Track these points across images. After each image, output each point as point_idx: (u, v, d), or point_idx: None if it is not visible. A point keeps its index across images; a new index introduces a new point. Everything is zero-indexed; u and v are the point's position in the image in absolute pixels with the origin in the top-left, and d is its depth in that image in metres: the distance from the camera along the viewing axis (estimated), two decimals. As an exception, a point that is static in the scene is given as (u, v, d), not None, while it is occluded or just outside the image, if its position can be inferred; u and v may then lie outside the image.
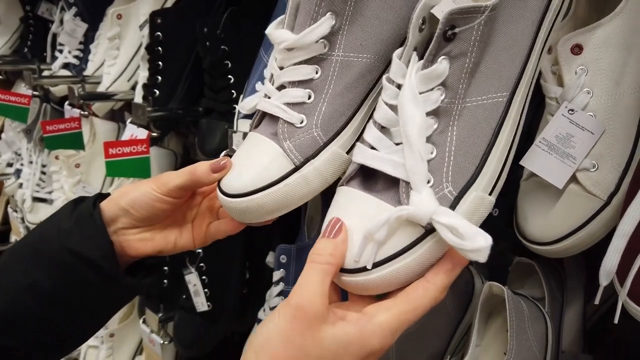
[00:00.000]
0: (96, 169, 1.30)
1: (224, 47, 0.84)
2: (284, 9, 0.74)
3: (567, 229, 0.50)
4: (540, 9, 0.43)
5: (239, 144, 0.68)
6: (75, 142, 1.16)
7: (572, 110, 0.50)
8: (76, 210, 0.49)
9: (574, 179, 0.51)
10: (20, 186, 1.65)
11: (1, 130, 1.90)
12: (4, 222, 1.93)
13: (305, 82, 0.46)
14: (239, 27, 0.84)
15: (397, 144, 0.40)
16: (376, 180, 0.42)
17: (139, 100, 0.99)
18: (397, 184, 0.40)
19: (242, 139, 0.68)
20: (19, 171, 1.71)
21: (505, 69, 0.41)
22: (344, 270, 0.40)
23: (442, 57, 0.39)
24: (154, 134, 0.92)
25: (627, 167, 0.50)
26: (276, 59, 0.48)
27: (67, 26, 1.31)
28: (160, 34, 0.92)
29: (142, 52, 1.01)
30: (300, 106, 0.46)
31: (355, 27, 0.46)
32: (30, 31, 1.63)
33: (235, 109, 0.78)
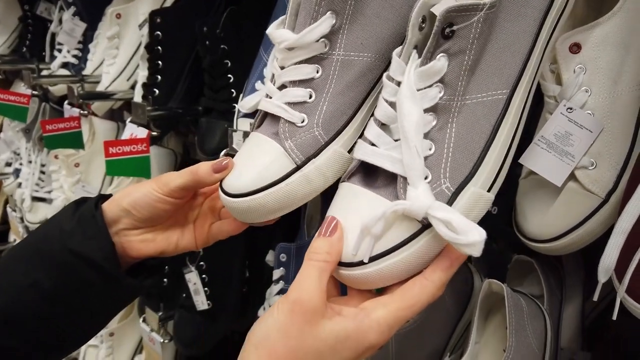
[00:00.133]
0: (95, 168, 1.30)
1: (223, 46, 0.84)
2: (283, 9, 0.74)
3: (565, 227, 0.51)
4: (542, 8, 0.43)
5: (239, 143, 0.69)
6: (74, 141, 1.16)
7: (571, 108, 0.51)
8: (78, 211, 0.49)
9: (572, 176, 0.51)
10: (19, 186, 1.65)
11: (0, 129, 1.90)
12: (3, 221, 1.93)
13: (306, 82, 0.46)
14: (239, 26, 0.84)
15: (397, 140, 0.41)
16: (376, 176, 0.43)
17: (138, 99, 0.99)
18: (396, 180, 0.40)
19: (242, 138, 0.68)
20: (17, 171, 1.70)
21: (505, 67, 0.42)
22: (342, 263, 0.40)
23: (440, 54, 0.40)
24: (154, 133, 0.93)
25: (625, 165, 0.50)
26: (277, 59, 0.48)
27: (66, 25, 1.31)
28: (159, 33, 0.92)
29: (142, 51, 1.01)
30: (301, 105, 0.46)
31: (355, 26, 0.46)
32: (28, 30, 1.63)
33: (234, 108, 0.78)
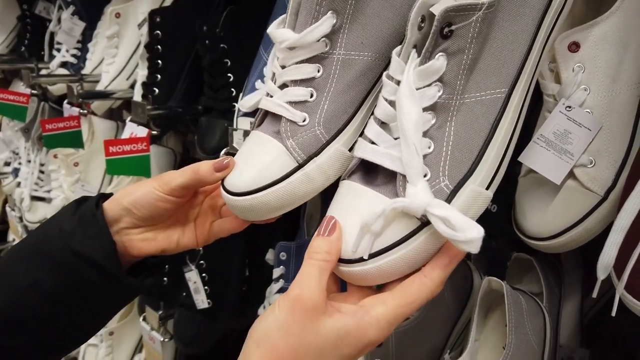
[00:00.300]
0: (95, 167, 1.30)
1: (223, 45, 0.84)
2: (283, 8, 0.74)
3: (564, 225, 0.51)
4: (541, 7, 0.43)
5: (239, 142, 0.69)
6: (74, 140, 1.16)
7: (570, 107, 0.51)
8: (79, 210, 0.49)
9: (571, 175, 0.51)
10: (18, 185, 1.65)
11: (-1, 129, 1.90)
12: (2, 221, 1.93)
13: (307, 81, 0.47)
14: (239, 25, 0.84)
15: (396, 139, 0.41)
16: (376, 174, 0.43)
17: (138, 98, 0.99)
18: (396, 178, 0.40)
19: (243, 137, 0.69)
20: (17, 170, 1.70)
21: (504, 66, 0.42)
22: (342, 260, 0.40)
23: (439, 53, 0.40)
24: (154, 132, 0.93)
25: (624, 163, 0.50)
26: (278, 58, 0.48)
27: (65, 25, 1.31)
28: (159, 32, 0.92)
29: (141, 50, 1.01)
30: (302, 105, 0.46)
31: (356, 25, 0.46)
32: (27, 30, 1.63)
33: (234, 107, 0.78)
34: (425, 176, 0.40)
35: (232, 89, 0.83)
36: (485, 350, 0.62)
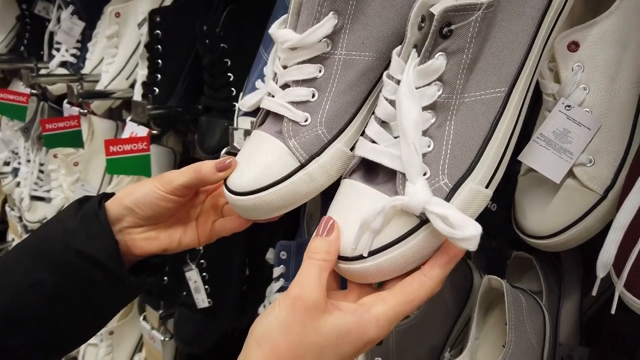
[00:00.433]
0: (95, 167, 1.30)
1: (223, 45, 0.84)
2: (283, 7, 0.75)
3: (564, 223, 0.51)
4: (541, 7, 0.43)
5: (239, 141, 0.69)
6: (74, 140, 1.16)
7: (569, 106, 0.51)
8: (81, 210, 0.49)
9: (571, 173, 0.51)
10: (17, 185, 1.65)
11: (-2, 129, 1.90)
12: (2, 220, 1.93)
13: (309, 81, 0.47)
14: (238, 25, 0.84)
15: (396, 138, 0.42)
16: (377, 173, 0.43)
17: (138, 98, 0.99)
18: (396, 176, 0.41)
19: (243, 136, 0.69)
20: (16, 170, 1.70)
21: (504, 65, 0.42)
22: (342, 257, 0.41)
23: (438, 53, 0.40)
24: (154, 132, 0.93)
25: (623, 161, 0.50)
26: (279, 58, 0.48)
27: (65, 24, 1.31)
28: (159, 32, 0.92)
29: (141, 50, 1.01)
30: (304, 105, 0.47)
31: (357, 25, 0.46)
32: (26, 30, 1.63)
33: (234, 106, 0.79)
34: (424, 175, 0.40)
35: (232, 89, 0.84)
36: (485, 348, 0.62)
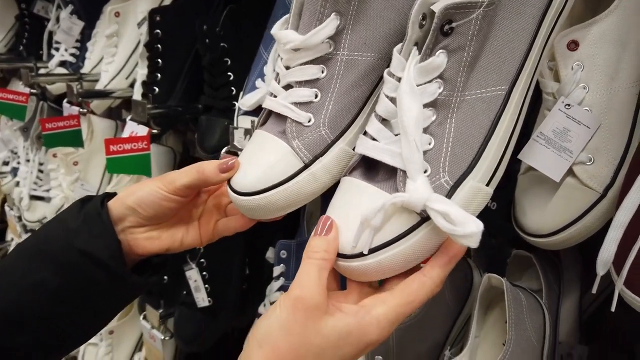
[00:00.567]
0: (94, 166, 1.30)
1: (223, 44, 0.84)
2: (283, 7, 0.75)
3: (564, 222, 0.51)
4: (541, 6, 0.43)
5: (240, 140, 0.69)
6: (74, 139, 1.16)
7: (569, 105, 0.51)
8: (83, 209, 0.49)
9: (570, 172, 0.52)
10: (17, 184, 1.65)
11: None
12: (1, 220, 1.92)
13: (311, 82, 0.47)
14: (238, 24, 0.84)
15: (397, 135, 0.41)
16: (377, 170, 0.43)
17: (138, 97, 0.99)
18: (396, 174, 0.41)
19: (243, 135, 0.69)
20: (15, 169, 1.70)
21: (504, 63, 0.42)
22: (341, 255, 0.41)
23: (439, 50, 0.40)
24: (154, 131, 0.93)
25: (623, 160, 0.51)
26: (282, 59, 0.49)
27: (64, 24, 1.31)
28: (159, 31, 0.92)
29: (140, 49, 1.01)
30: (307, 105, 0.47)
31: (359, 26, 0.46)
32: (25, 29, 1.63)
33: (234, 106, 0.79)
34: (425, 172, 0.40)
35: (232, 88, 0.84)
36: (485, 346, 0.62)
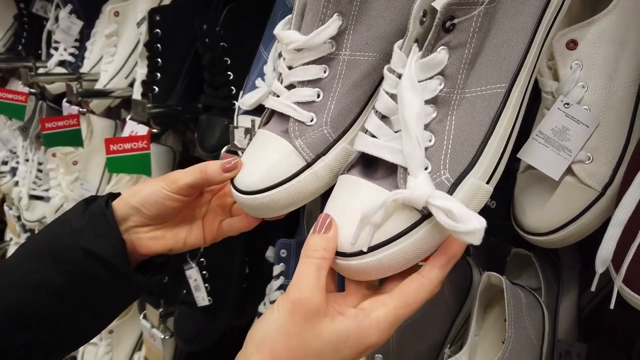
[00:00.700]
0: (94, 166, 1.30)
1: (223, 43, 0.84)
2: (283, 6, 0.75)
3: (563, 220, 0.51)
4: (540, 5, 0.43)
5: (240, 140, 0.69)
6: (74, 139, 1.17)
7: (568, 104, 0.52)
8: (88, 209, 0.49)
9: (569, 171, 0.52)
10: (16, 184, 1.65)
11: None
12: (0, 220, 1.92)
13: (314, 82, 0.47)
14: (238, 24, 0.84)
15: (397, 132, 0.41)
16: (376, 168, 0.43)
17: (137, 97, 0.99)
18: (396, 171, 0.40)
19: (244, 134, 0.69)
20: (14, 169, 1.70)
21: (504, 61, 0.42)
22: (340, 254, 0.40)
23: (441, 47, 0.40)
24: (154, 131, 0.93)
25: (621, 159, 0.51)
26: (284, 59, 0.49)
27: (63, 24, 1.31)
28: (159, 31, 0.92)
29: (140, 49, 1.01)
30: (309, 105, 0.47)
31: (360, 26, 0.47)
32: (24, 29, 1.62)
33: (234, 105, 0.79)
34: (426, 169, 0.40)
35: (232, 87, 0.84)
36: (484, 344, 0.62)
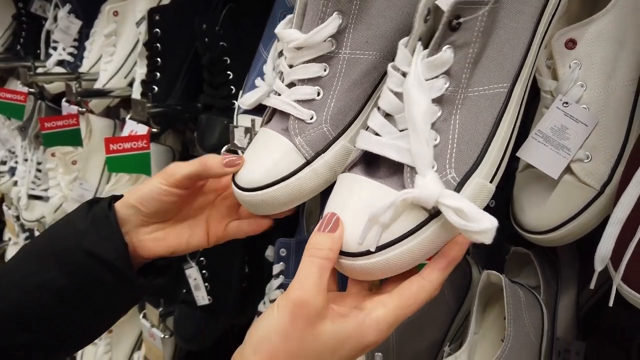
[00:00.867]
0: (93, 165, 1.30)
1: (222, 43, 0.84)
2: (282, 6, 0.75)
3: (562, 218, 0.52)
4: (539, 6, 0.44)
5: (240, 139, 0.70)
6: (73, 138, 1.17)
7: (567, 103, 0.52)
8: (91, 211, 0.49)
9: (568, 169, 0.52)
10: (14, 184, 1.64)
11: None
12: (-2, 219, 1.92)
13: (314, 80, 0.48)
14: (238, 23, 0.84)
15: (401, 131, 0.41)
16: (378, 166, 0.43)
17: (137, 96, 0.99)
18: (400, 170, 0.40)
19: (243, 134, 0.69)
20: (13, 169, 1.70)
21: (506, 61, 0.42)
22: (346, 254, 0.40)
23: (446, 46, 0.40)
24: (154, 130, 0.93)
25: (620, 157, 0.51)
26: (285, 57, 0.49)
27: (62, 23, 1.31)
28: (158, 30, 0.92)
29: (139, 48, 1.01)
30: (309, 103, 0.48)
31: (360, 25, 0.47)
32: (23, 28, 1.62)
33: (234, 104, 0.79)
34: (432, 168, 0.40)
35: (232, 87, 0.84)
36: (484, 343, 0.63)
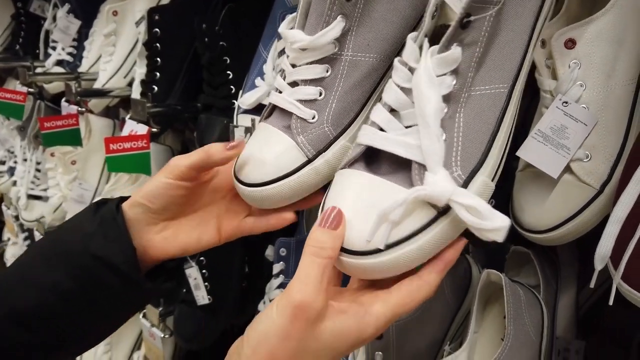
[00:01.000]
0: (92, 165, 1.30)
1: (222, 43, 0.85)
2: (282, 5, 0.75)
3: (561, 218, 0.52)
4: (536, 8, 0.44)
5: (240, 139, 0.70)
6: (73, 138, 1.17)
7: (566, 102, 0.52)
8: (98, 213, 0.49)
9: (568, 169, 0.52)
10: (14, 184, 1.64)
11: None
12: (-2, 219, 1.92)
13: (316, 80, 0.48)
14: (237, 23, 0.85)
15: (408, 127, 0.41)
16: (379, 163, 0.43)
17: (136, 96, 1.00)
18: (405, 167, 0.40)
19: (243, 134, 0.70)
20: (12, 169, 1.70)
21: (507, 62, 0.43)
22: (350, 252, 0.39)
23: (455, 43, 0.40)
24: (154, 130, 0.93)
25: (619, 157, 0.51)
26: (288, 57, 0.50)
27: (61, 23, 1.31)
28: (158, 30, 0.92)
29: (139, 48, 1.01)
30: (311, 103, 0.48)
31: (363, 28, 0.48)
32: (22, 28, 1.62)
33: (234, 104, 0.79)
34: (442, 165, 0.39)
35: (232, 87, 0.84)
36: (484, 341, 0.63)
